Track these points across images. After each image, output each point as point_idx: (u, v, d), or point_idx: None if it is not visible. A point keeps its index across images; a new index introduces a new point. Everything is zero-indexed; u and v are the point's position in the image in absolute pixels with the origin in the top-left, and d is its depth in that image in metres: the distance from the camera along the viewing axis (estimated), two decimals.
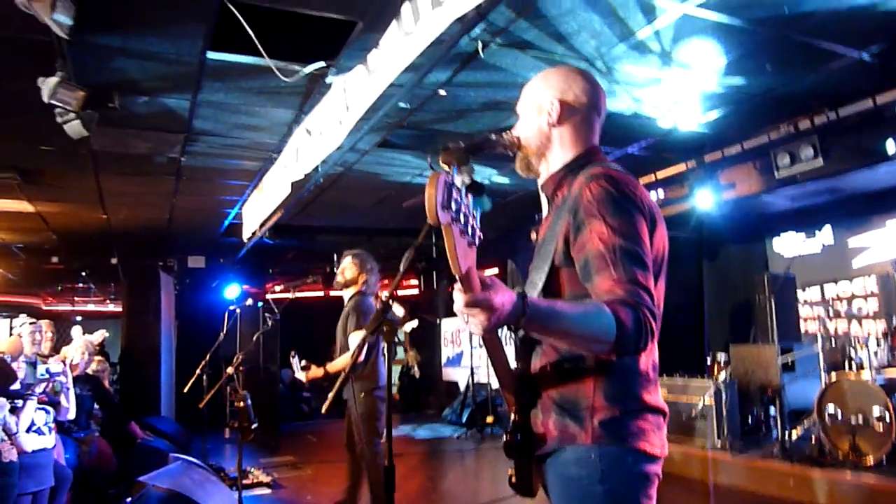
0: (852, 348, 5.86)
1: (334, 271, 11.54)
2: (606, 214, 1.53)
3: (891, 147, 4.83)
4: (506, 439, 1.65)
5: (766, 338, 7.04)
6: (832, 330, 6.45)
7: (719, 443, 6.23)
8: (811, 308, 7.97)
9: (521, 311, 1.32)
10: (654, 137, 5.81)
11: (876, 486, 4.85)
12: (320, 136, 4.29)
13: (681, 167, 6.43)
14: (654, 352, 1.65)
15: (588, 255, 1.52)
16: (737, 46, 4.11)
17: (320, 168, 5.58)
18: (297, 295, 12.59)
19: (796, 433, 5.97)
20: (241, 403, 3.97)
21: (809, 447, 5.56)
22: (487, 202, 1.93)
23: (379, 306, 2.01)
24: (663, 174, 6.63)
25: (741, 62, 4.34)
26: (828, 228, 6.50)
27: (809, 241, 6.68)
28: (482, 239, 1.29)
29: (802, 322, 7.78)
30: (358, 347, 2.00)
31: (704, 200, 6.27)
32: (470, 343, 10.38)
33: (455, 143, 1.84)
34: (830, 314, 6.52)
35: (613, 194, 1.55)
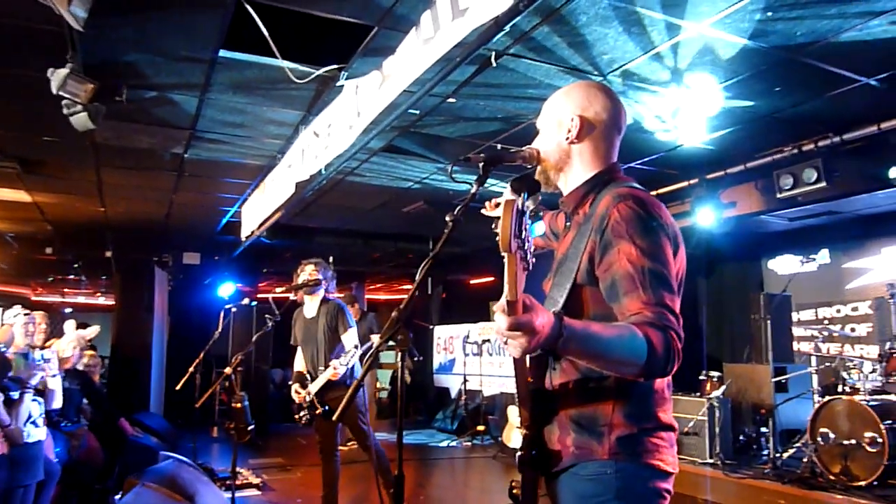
0: (846, 371, 5.90)
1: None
2: (635, 235, 1.54)
3: (893, 173, 4.87)
4: (520, 454, 1.65)
5: (761, 357, 7.07)
6: (825, 351, 6.48)
7: (711, 460, 6.24)
8: (805, 329, 8.01)
9: (559, 334, 1.34)
10: (659, 153, 5.84)
11: None
12: (328, 139, 4.28)
13: (683, 184, 6.46)
14: None
15: (616, 276, 1.53)
16: (747, 67, 4.13)
17: (324, 171, 5.57)
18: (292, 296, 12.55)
19: (788, 453, 5.99)
20: (239, 405, 3.94)
21: (801, 468, 5.58)
22: (539, 226, 1.94)
23: (394, 315, 2.00)
24: (666, 190, 6.65)
25: (750, 83, 4.37)
26: (824, 252, 6.54)
27: (806, 264, 6.72)
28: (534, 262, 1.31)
29: (796, 343, 7.82)
30: (371, 354, 1.99)
31: (705, 218, 6.29)
32: (463, 350, 10.37)
33: (476, 155, 1.87)
34: (824, 336, 6.55)
35: (642, 215, 1.56)
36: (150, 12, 3.52)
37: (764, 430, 6.53)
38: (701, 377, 6.92)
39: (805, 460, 5.60)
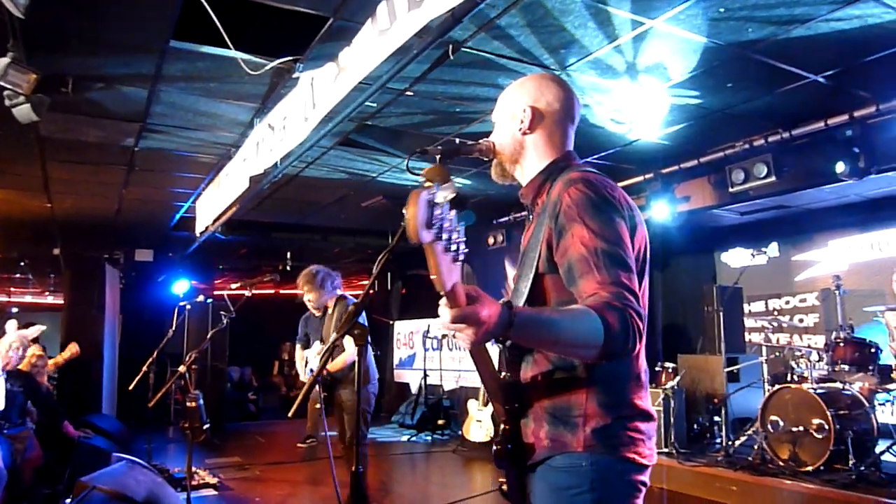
0: (794, 361, 6.09)
1: (288, 269, 11.42)
2: (586, 217, 1.53)
3: (840, 168, 5.02)
4: (495, 448, 1.65)
5: (713, 348, 7.24)
6: (775, 342, 6.67)
7: (666, 449, 6.37)
8: (756, 320, 8.23)
9: (508, 322, 1.32)
10: (614, 148, 5.91)
11: (813, 492, 5.03)
12: (283, 132, 4.21)
13: (639, 178, 6.56)
14: (643, 356, 1.65)
15: (571, 260, 1.52)
16: (700, 63, 4.21)
17: (279, 164, 5.48)
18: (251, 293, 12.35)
19: (740, 441, 6.15)
20: (193, 403, 3.86)
21: (752, 454, 5.73)
22: (471, 216, 1.93)
23: (351, 309, 1.98)
24: (622, 184, 6.71)
25: (703, 78, 4.45)
26: (774, 245, 6.72)
27: (757, 257, 6.90)
28: (466, 252, 1.26)
29: (747, 333, 8.03)
30: (327, 349, 1.96)
31: (660, 212, 6.40)
32: (423, 346, 10.35)
33: (433, 148, 1.85)
34: (774, 327, 6.74)
35: (593, 198, 1.55)
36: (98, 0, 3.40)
37: (717, 419, 6.69)
38: (657, 368, 7.04)
39: (756, 447, 5.75)
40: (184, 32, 3.70)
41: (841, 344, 5.82)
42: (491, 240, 8.85)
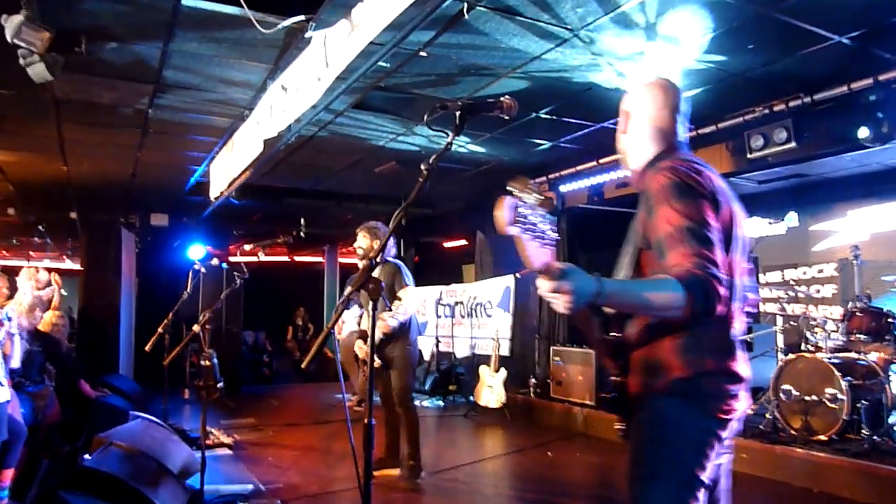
0: (809, 330, 6.04)
1: (301, 235, 11.45)
2: (672, 199, 1.78)
3: (863, 134, 4.90)
4: (605, 397, 1.96)
5: None
6: (790, 311, 6.61)
7: None
8: (771, 290, 8.16)
9: (598, 292, 1.61)
10: None
11: (825, 461, 5.03)
12: (296, 93, 4.17)
13: None
14: (737, 321, 1.86)
15: (659, 237, 1.78)
16: (720, 23, 4.10)
17: (293, 127, 5.45)
18: (264, 259, 12.43)
19: (751, 410, 6.15)
20: (208, 362, 3.91)
21: (764, 423, 5.73)
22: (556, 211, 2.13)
23: (364, 263, 1.98)
24: None
25: (722, 39, 4.34)
26: (793, 214, 6.61)
27: (774, 226, 6.81)
28: (558, 239, 1.69)
29: (762, 304, 7.97)
30: (342, 301, 1.98)
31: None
32: (435, 313, 10.39)
33: (453, 104, 1.99)
34: (789, 297, 6.67)
35: (677, 182, 1.80)
36: None
37: None
38: None
39: (767, 416, 5.74)
40: None
41: (857, 313, 5.77)
42: None
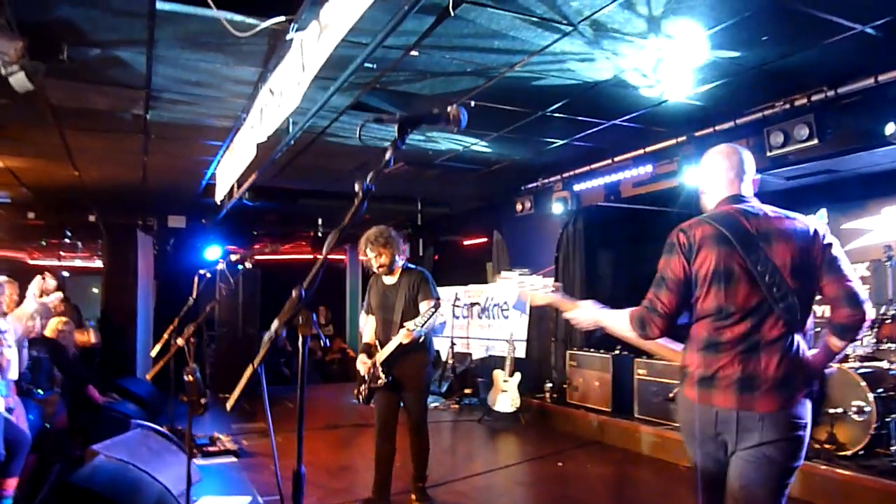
0: None
1: (319, 235, 11.37)
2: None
3: (890, 129, 4.55)
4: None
5: None
6: (820, 315, 6.23)
7: None
8: None
9: (593, 320, 2.80)
10: (643, 109, 5.53)
11: (849, 479, 4.71)
12: (280, 97, 4.01)
13: (671, 142, 6.16)
14: (707, 328, 2.44)
15: None
16: (730, 13, 3.81)
17: (291, 130, 5.31)
18: (279, 257, 12.37)
19: None
20: (191, 377, 3.77)
21: None
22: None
23: (294, 293, 1.79)
24: (653, 149, 6.36)
25: (734, 31, 4.04)
26: (823, 212, 6.23)
27: None
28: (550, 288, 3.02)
29: None
30: (268, 340, 1.78)
31: (694, 178, 6.00)
32: (452, 314, 10.21)
33: (390, 116, 1.73)
34: (819, 299, 6.29)
35: (668, 241, 2.54)
36: None
37: None
38: None
39: None
40: None
41: (888, 321, 5.41)
42: (519, 206, 8.54)
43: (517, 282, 3.40)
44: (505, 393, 7.93)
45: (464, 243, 13.12)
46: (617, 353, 7.32)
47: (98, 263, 18.38)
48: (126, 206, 9.99)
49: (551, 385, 8.24)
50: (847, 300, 2.41)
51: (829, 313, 2.47)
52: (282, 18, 3.73)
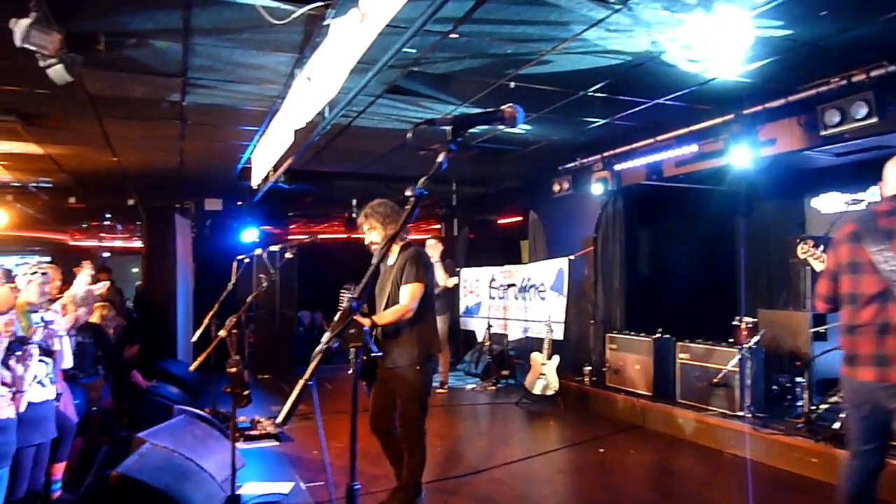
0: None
1: (353, 216, 11.35)
2: None
3: None
4: None
5: (799, 303, 6.66)
6: None
7: (741, 413, 5.96)
8: None
9: None
10: (689, 87, 5.32)
11: None
12: (319, 84, 3.94)
13: (717, 120, 5.93)
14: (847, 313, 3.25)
15: None
16: None
17: (327, 115, 5.25)
18: (321, 237, 12.38)
19: (824, 407, 5.65)
20: (234, 369, 3.78)
21: (837, 424, 5.25)
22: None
23: (344, 306, 1.73)
24: (698, 127, 6.14)
25: (789, 6, 3.83)
26: (874, 189, 5.95)
27: (853, 205, 6.20)
28: None
29: None
30: (319, 351, 1.73)
31: (741, 157, 5.78)
32: (489, 295, 10.14)
33: (443, 118, 1.63)
34: None
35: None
36: None
37: (799, 381, 6.17)
38: (734, 323, 6.57)
39: (842, 415, 5.25)
40: None
41: None
42: (556, 187, 8.38)
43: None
44: (543, 376, 7.86)
45: (498, 222, 13.00)
46: (658, 337, 7.19)
47: (137, 244, 18.77)
48: (164, 190, 10.10)
49: (590, 368, 8.15)
50: None
51: None
52: (319, 4, 3.65)
